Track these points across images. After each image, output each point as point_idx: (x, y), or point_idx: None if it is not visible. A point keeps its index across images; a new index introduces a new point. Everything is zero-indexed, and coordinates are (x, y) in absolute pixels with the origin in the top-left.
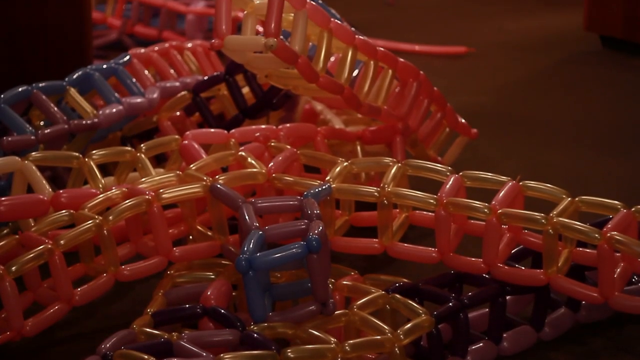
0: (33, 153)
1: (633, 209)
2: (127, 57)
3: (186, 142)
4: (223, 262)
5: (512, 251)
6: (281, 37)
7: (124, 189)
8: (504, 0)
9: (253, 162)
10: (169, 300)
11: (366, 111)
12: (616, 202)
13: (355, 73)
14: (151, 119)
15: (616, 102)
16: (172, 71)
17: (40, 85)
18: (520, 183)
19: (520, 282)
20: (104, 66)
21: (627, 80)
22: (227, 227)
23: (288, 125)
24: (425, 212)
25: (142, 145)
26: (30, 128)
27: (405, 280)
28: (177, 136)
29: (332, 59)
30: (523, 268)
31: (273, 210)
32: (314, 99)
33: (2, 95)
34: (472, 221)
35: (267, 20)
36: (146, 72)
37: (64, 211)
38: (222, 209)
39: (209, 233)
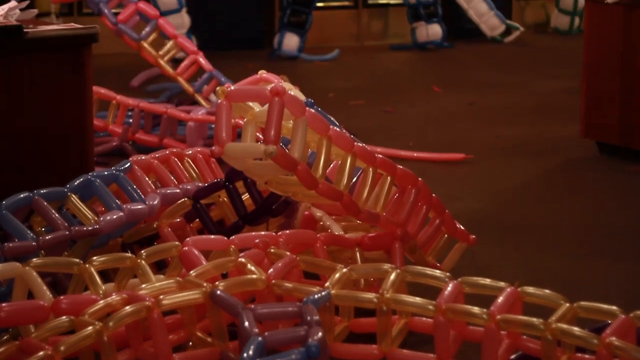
0: (34, 259)
1: (631, 315)
2: (128, 164)
3: (186, 248)
4: None
5: (511, 357)
6: (281, 144)
7: (124, 295)
8: (502, 108)
9: (253, 268)
10: None
11: (365, 218)
12: (614, 307)
13: (354, 180)
14: (152, 226)
15: (614, 207)
16: (172, 178)
17: (42, 191)
18: (519, 289)
19: None
20: (105, 173)
21: (624, 185)
22: (227, 334)
23: (288, 231)
24: (424, 318)
25: (142, 251)
26: (31, 234)
27: None
28: (177, 243)
29: (332, 165)
30: None
31: (273, 317)
32: (314, 205)
33: (3, 202)
34: (471, 327)
35: (267, 128)
36: (147, 178)
37: (64, 317)
38: (222, 315)
39: (209, 339)
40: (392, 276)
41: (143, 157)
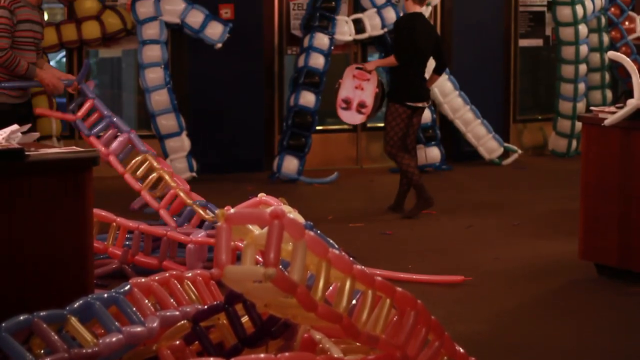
0: None
1: None
2: (128, 287)
3: None
4: None
5: None
6: (280, 266)
7: None
8: (500, 230)
9: None
10: None
11: (364, 340)
12: None
13: (353, 302)
14: (151, 348)
15: (613, 330)
16: (172, 300)
17: (42, 314)
18: None
19: None
20: (105, 295)
21: (622, 308)
22: None
23: (287, 354)
24: None
25: None
26: (31, 357)
27: None
28: None
29: (331, 288)
30: None
31: None
32: (313, 327)
33: (3, 324)
34: None
35: (266, 250)
36: (146, 301)
37: None
38: None
39: None
40: None
41: (143, 280)
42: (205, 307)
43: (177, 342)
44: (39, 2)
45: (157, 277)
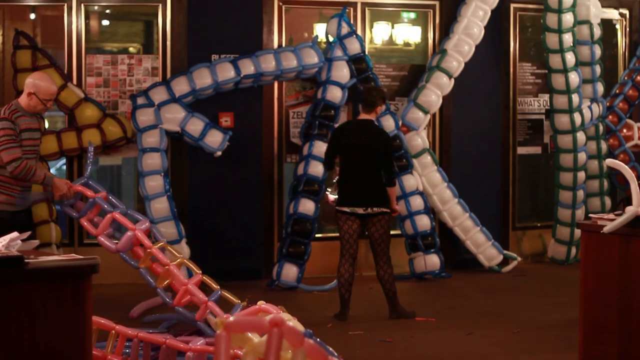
0: None
1: None
2: None
3: None
4: None
5: None
6: None
7: None
8: (500, 337)
9: None
10: None
11: None
12: None
13: None
14: None
15: None
16: None
17: None
18: None
19: None
20: None
21: None
22: None
23: None
24: None
25: None
26: None
27: None
28: None
29: None
30: None
31: None
32: None
33: None
34: None
35: (265, 358)
36: None
37: None
38: None
39: None
40: None
41: None
42: None
43: None
44: (35, 111)
45: None
